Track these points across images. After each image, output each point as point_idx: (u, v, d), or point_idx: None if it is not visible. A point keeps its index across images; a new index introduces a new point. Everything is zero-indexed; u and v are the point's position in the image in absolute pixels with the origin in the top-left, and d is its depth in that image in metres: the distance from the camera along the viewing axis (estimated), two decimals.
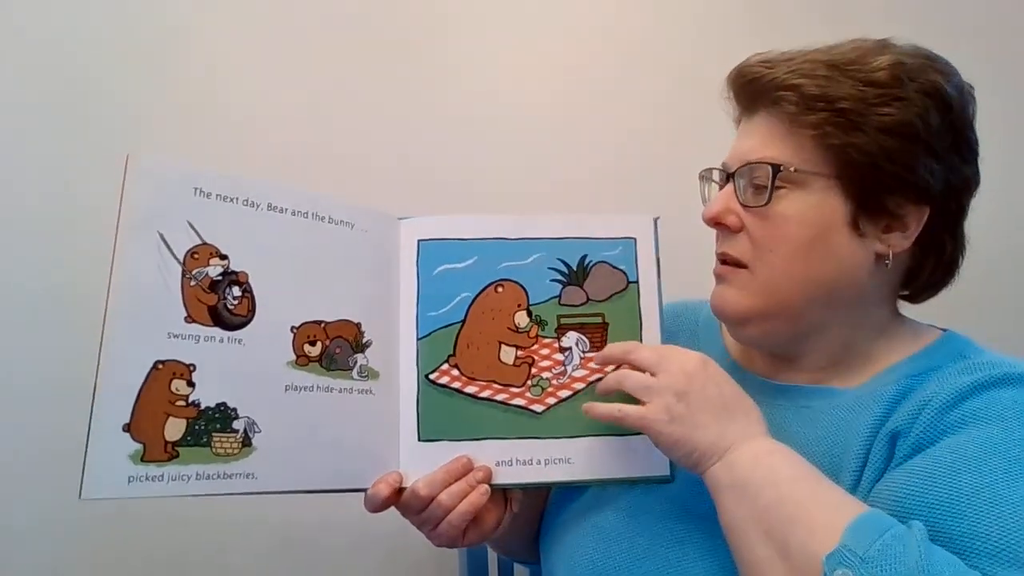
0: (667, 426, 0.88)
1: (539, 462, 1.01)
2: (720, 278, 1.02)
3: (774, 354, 1.05)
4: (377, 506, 0.98)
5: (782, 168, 0.93)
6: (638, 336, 1.05)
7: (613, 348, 1.00)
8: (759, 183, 0.96)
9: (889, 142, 0.90)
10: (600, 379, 1.00)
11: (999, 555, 0.73)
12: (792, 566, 0.76)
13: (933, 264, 0.99)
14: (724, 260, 1.01)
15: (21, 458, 1.47)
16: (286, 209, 0.98)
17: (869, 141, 0.90)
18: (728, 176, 1.00)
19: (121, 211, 0.87)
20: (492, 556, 1.51)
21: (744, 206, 0.97)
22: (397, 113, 1.72)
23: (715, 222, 1.00)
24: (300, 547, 1.61)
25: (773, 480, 0.82)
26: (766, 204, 0.94)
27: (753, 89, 0.98)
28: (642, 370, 0.94)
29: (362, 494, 0.98)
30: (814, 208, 0.93)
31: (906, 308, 1.05)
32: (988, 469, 0.78)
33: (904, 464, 0.85)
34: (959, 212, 0.98)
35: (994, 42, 1.98)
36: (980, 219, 1.01)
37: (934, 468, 0.81)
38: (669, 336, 1.13)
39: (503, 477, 1.01)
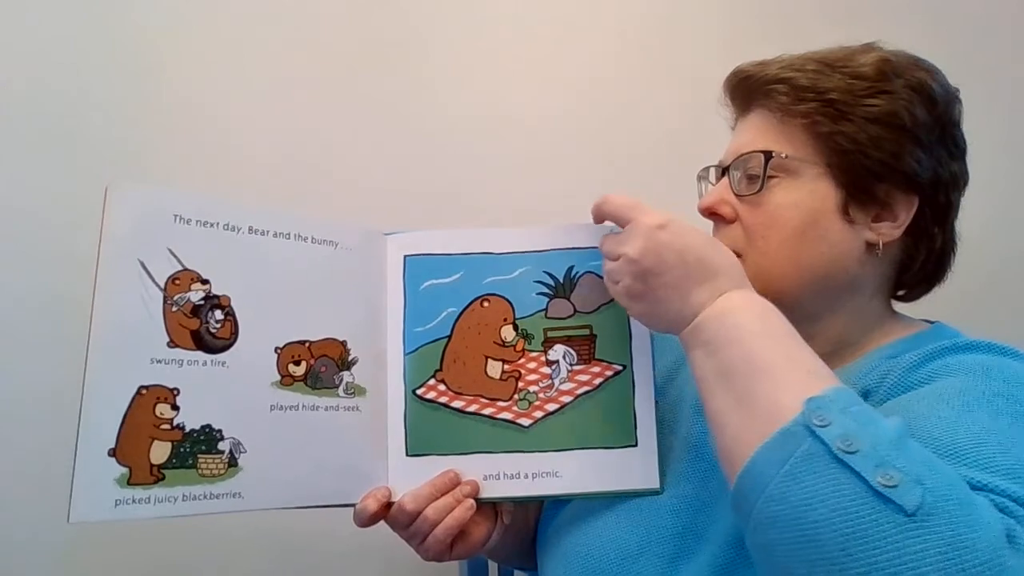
0: (634, 305, 0.91)
1: (526, 476, 1.01)
2: None
3: None
4: (365, 521, 0.99)
5: (774, 155, 0.96)
6: (627, 348, 1.04)
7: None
8: (752, 173, 0.98)
9: (876, 131, 0.93)
10: (587, 392, 1.02)
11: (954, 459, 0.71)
12: (754, 413, 0.74)
13: (924, 256, 1.01)
14: None
15: (17, 472, 1.47)
16: (267, 231, 0.99)
17: (857, 130, 0.94)
18: (724, 171, 1.03)
19: (101, 241, 0.88)
20: (492, 564, 1.51)
21: (738, 196, 0.99)
22: (390, 124, 1.72)
23: (709, 212, 1.03)
24: (299, 557, 1.62)
25: (738, 337, 0.81)
26: (759, 191, 0.97)
27: (747, 87, 1.02)
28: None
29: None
30: (805, 195, 0.96)
31: (905, 308, 1.07)
32: (948, 408, 0.79)
33: None
34: (948, 206, 0.99)
35: (998, 44, 2.00)
36: (983, 221, 1.02)
37: (894, 407, 0.83)
38: (666, 341, 1.14)
39: (491, 491, 1.01)
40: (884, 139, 0.94)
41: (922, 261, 1.01)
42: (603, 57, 1.84)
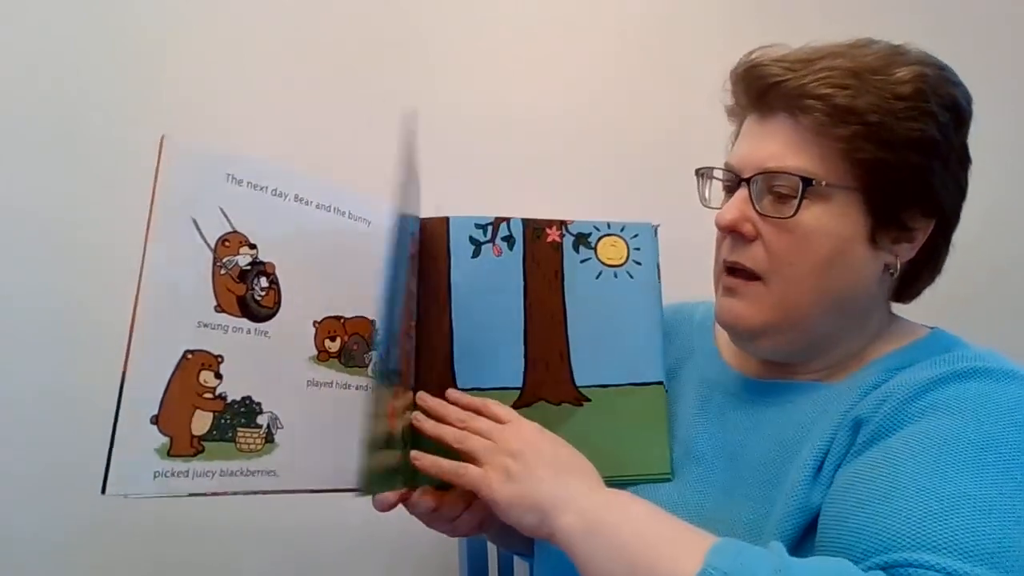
0: (505, 485, 0.86)
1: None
2: (730, 291, 0.99)
3: (774, 361, 1.05)
4: (385, 507, 0.96)
5: (814, 182, 0.91)
6: None
7: (450, 412, 0.97)
8: (781, 192, 0.93)
9: (914, 158, 0.91)
10: None
11: (916, 540, 0.72)
12: None
13: (931, 269, 1.02)
14: (734, 268, 0.99)
15: (17, 472, 1.44)
16: (311, 202, 0.97)
17: (897, 158, 0.90)
18: (740, 180, 0.97)
19: (156, 194, 0.84)
20: (492, 557, 1.52)
21: (761, 215, 0.95)
22: (390, 124, 1.65)
23: (730, 229, 0.97)
24: (302, 550, 1.60)
25: (628, 517, 0.81)
26: (793, 216, 0.92)
27: (774, 94, 0.95)
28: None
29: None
30: (836, 222, 0.93)
31: (907, 308, 1.07)
32: (929, 461, 0.78)
33: (862, 454, 0.85)
34: (956, 220, 0.99)
35: (999, 43, 2.04)
36: (984, 222, 1.03)
37: (883, 458, 0.82)
38: (666, 336, 1.14)
39: None
40: (921, 167, 0.91)
41: (928, 274, 1.02)
42: (603, 57, 1.85)
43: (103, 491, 0.78)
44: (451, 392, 1.00)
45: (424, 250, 1.04)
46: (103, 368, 1.35)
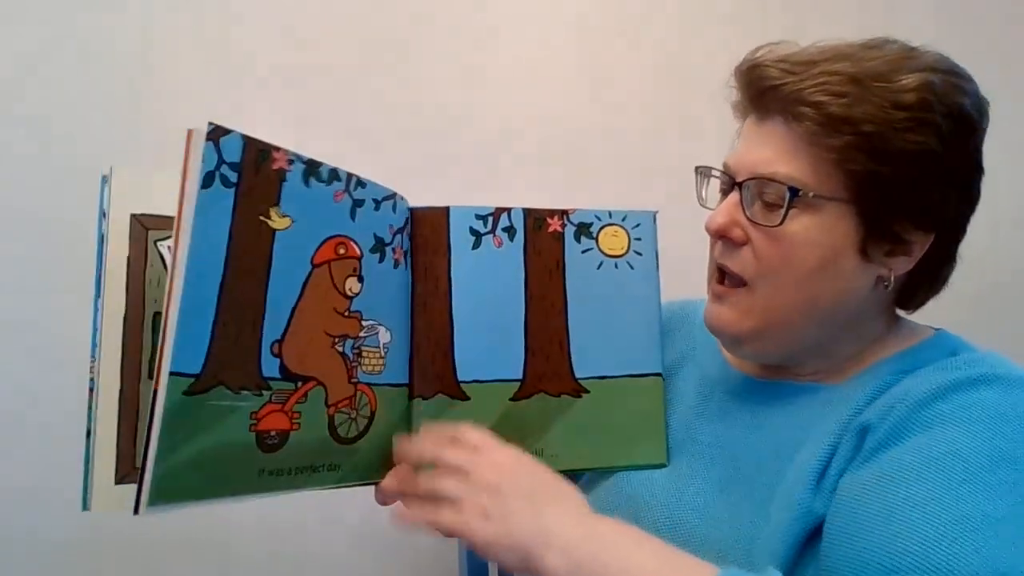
0: (482, 525, 0.82)
1: None
2: (718, 297, 0.99)
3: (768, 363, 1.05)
4: (386, 500, 0.95)
5: (801, 193, 0.89)
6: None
7: (425, 445, 0.92)
8: (770, 200, 0.91)
9: (911, 170, 0.87)
10: None
11: (922, 564, 0.70)
12: None
13: (929, 284, 0.99)
14: (722, 271, 0.98)
15: (23, 467, 1.46)
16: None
17: (892, 168, 0.87)
18: (733, 184, 0.95)
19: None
20: None
21: (751, 221, 0.93)
22: (389, 125, 1.73)
23: (718, 234, 0.96)
24: (300, 548, 1.61)
25: (614, 551, 0.78)
26: (779, 225, 0.90)
27: (771, 97, 0.92)
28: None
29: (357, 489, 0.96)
30: (826, 232, 0.90)
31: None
32: (940, 478, 0.76)
33: (869, 463, 0.83)
34: (961, 233, 0.97)
35: (1000, 42, 2.03)
36: (989, 225, 1.02)
37: (891, 471, 0.79)
38: (669, 334, 1.14)
39: None
40: (917, 179, 0.88)
41: (926, 289, 0.99)
42: (604, 57, 1.85)
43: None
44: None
45: (424, 241, 1.02)
46: None
